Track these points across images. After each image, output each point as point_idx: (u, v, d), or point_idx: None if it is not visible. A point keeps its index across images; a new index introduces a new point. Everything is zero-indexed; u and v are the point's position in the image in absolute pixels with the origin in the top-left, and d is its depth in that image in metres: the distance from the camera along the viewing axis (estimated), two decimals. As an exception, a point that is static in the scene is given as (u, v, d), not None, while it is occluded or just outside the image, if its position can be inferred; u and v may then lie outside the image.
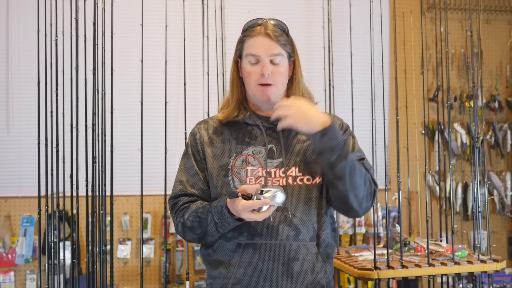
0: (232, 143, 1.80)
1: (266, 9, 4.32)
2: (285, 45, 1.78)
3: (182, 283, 4.08)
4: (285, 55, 1.78)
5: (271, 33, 1.76)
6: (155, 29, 3.54)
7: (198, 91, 3.82)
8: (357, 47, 3.54)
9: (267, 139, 1.78)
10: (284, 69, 1.78)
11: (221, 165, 1.77)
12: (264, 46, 1.75)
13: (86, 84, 3.08)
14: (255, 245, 1.70)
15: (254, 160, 1.76)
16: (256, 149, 1.77)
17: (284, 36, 1.79)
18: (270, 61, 1.75)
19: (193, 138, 1.85)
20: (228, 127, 1.83)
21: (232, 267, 1.72)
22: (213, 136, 1.83)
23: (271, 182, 1.73)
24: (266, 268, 1.70)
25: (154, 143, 3.56)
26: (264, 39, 1.76)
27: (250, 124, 1.81)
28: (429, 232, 3.07)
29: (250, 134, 1.80)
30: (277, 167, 1.75)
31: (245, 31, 1.81)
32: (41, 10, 3.12)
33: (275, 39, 1.75)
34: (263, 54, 1.75)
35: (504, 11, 4.77)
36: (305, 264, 1.71)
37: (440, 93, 4.04)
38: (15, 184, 4.01)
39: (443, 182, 4.02)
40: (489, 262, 3.03)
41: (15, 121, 4.03)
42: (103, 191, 3.00)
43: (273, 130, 1.79)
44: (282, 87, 1.80)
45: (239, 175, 1.74)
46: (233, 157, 1.77)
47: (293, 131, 1.79)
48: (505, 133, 4.68)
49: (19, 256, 3.93)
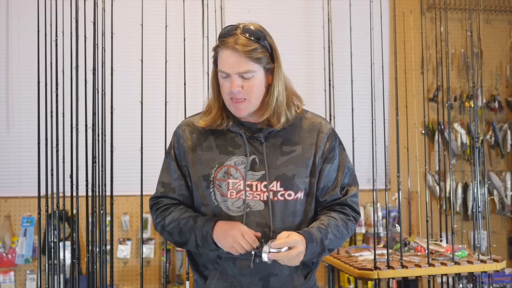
0: (215, 152, 1.75)
1: (266, 9, 4.32)
2: (258, 59, 1.68)
3: (182, 283, 4.08)
4: (259, 68, 1.69)
5: (241, 48, 1.66)
6: (155, 29, 3.54)
7: (198, 91, 3.82)
8: (357, 47, 3.54)
9: (250, 148, 1.74)
10: (258, 82, 1.70)
11: (203, 175, 1.74)
12: (232, 63, 1.67)
13: (86, 84, 3.08)
14: (234, 259, 1.71)
15: (236, 172, 1.73)
16: (239, 160, 1.74)
17: (258, 48, 1.68)
18: (240, 76, 1.68)
19: (177, 141, 1.82)
20: (212, 133, 1.78)
21: (212, 278, 1.73)
22: (197, 141, 1.78)
23: (252, 196, 1.71)
24: (245, 282, 1.71)
25: (154, 143, 3.54)
26: (232, 55, 1.66)
27: (233, 131, 1.77)
28: (429, 232, 3.07)
29: (233, 142, 1.76)
30: (259, 180, 1.72)
31: (219, 39, 1.72)
32: (41, 10, 3.11)
33: (245, 55, 1.66)
34: (231, 71, 1.67)
35: (504, 11, 4.77)
36: (283, 279, 1.72)
37: (440, 93, 4.04)
38: (15, 184, 4.01)
39: (443, 182, 4.02)
40: (489, 262, 3.03)
41: (15, 121, 4.03)
42: (103, 191, 3.00)
43: (256, 139, 1.75)
44: (255, 100, 1.72)
45: (221, 188, 1.72)
46: (215, 168, 1.73)
47: (278, 141, 1.76)
48: (505, 133, 4.68)
49: (19, 256, 3.93)
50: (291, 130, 1.77)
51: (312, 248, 1.67)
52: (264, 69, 1.71)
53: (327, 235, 1.71)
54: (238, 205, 1.71)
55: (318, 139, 1.77)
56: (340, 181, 1.80)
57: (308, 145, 1.76)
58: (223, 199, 1.72)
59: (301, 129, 1.78)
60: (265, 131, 1.75)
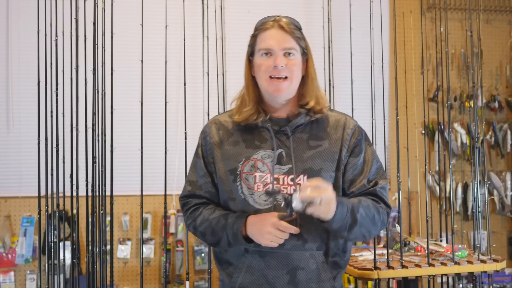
0: (242, 146, 1.77)
1: (266, 9, 4.28)
2: (299, 39, 1.76)
3: (182, 283, 4.08)
4: (299, 50, 1.75)
5: (286, 26, 1.73)
6: (155, 29, 3.54)
7: (198, 91, 3.82)
8: (357, 47, 3.54)
9: (277, 142, 1.75)
10: (298, 63, 1.75)
11: (230, 169, 1.76)
12: (278, 38, 1.73)
13: (86, 84, 3.08)
14: (261, 252, 1.71)
15: (263, 166, 1.74)
16: (266, 153, 1.75)
17: (298, 32, 1.76)
18: (284, 54, 1.72)
19: (204, 139, 1.84)
20: (239, 128, 1.80)
21: (239, 271, 1.74)
22: (224, 137, 1.81)
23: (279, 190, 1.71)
24: (271, 276, 1.71)
25: (154, 143, 3.56)
26: (277, 32, 1.74)
27: (260, 125, 1.78)
28: (429, 232, 3.07)
29: (260, 137, 1.78)
30: (286, 173, 1.73)
31: (259, 27, 1.78)
32: (41, 10, 3.11)
33: (289, 32, 1.73)
34: (276, 46, 1.72)
35: (504, 11, 4.77)
36: (310, 273, 1.71)
37: (440, 93, 4.04)
38: (15, 184, 4.01)
39: (443, 182, 4.02)
40: (489, 262, 3.03)
41: (15, 121, 4.03)
42: (103, 191, 3.00)
43: (283, 133, 1.76)
44: (296, 82, 1.76)
45: (247, 181, 1.73)
46: (242, 162, 1.75)
47: (304, 136, 1.77)
48: (505, 133, 4.67)
49: (19, 256, 3.93)
50: (317, 126, 1.79)
51: (342, 212, 1.63)
52: (302, 55, 1.77)
53: (358, 209, 1.68)
54: (265, 198, 1.72)
55: (344, 134, 1.78)
56: (367, 174, 1.78)
57: (334, 140, 1.77)
58: (250, 192, 1.73)
59: (327, 125, 1.80)
60: (292, 125, 1.76)
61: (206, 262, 4.09)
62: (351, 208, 1.66)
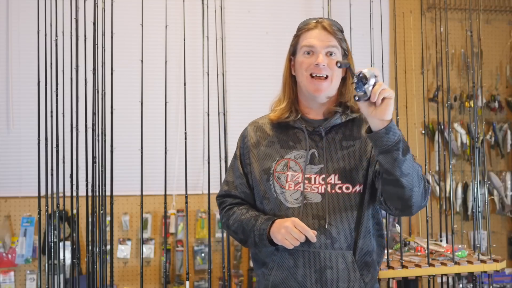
0: (276, 146, 1.81)
1: (266, 9, 4.32)
2: (341, 40, 1.78)
3: (182, 283, 4.08)
4: (341, 51, 1.78)
5: (328, 26, 1.76)
6: (155, 29, 3.54)
7: (198, 91, 3.82)
8: (357, 47, 3.53)
9: (310, 143, 1.78)
10: None
11: (264, 168, 1.79)
12: (321, 38, 1.75)
13: (86, 84, 3.08)
14: (290, 251, 1.72)
15: (295, 165, 1.77)
16: (299, 153, 1.78)
17: (340, 33, 1.79)
18: (326, 53, 1.74)
19: (242, 140, 1.89)
20: (275, 128, 1.84)
21: (271, 269, 1.77)
22: (260, 138, 1.85)
23: (310, 189, 1.73)
24: (300, 274, 1.72)
25: (154, 143, 3.56)
26: (321, 32, 1.76)
27: (296, 126, 1.81)
28: (429, 232, 3.07)
29: (294, 137, 1.81)
30: (317, 173, 1.74)
31: (300, 28, 1.81)
32: (41, 10, 3.12)
33: (332, 32, 1.76)
34: (319, 45, 1.75)
35: (504, 11, 4.77)
36: (339, 273, 1.71)
37: (440, 93, 4.04)
38: (15, 184, 4.01)
39: (443, 182, 4.02)
40: (489, 262, 3.03)
41: (15, 121, 4.03)
42: (103, 191, 3.00)
43: (317, 134, 1.78)
44: (336, 83, 1.78)
45: (279, 180, 1.76)
46: (275, 161, 1.78)
47: (338, 137, 1.78)
48: (505, 133, 4.67)
49: (19, 256, 3.93)
50: (352, 126, 1.80)
51: (394, 129, 1.55)
52: (342, 56, 1.79)
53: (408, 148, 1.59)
54: (296, 197, 1.74)
55: None
56: None
57: (367, 140, 1.75)
58: (282, 191, 1.75)
59: (362, 124, 1.80)
60: (326, 126, 1.78)
61: (206, 262, 4.09)
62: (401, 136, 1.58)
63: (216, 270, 4.12)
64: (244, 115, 3.83)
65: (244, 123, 1.98)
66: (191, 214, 4.10)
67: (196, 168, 4.03)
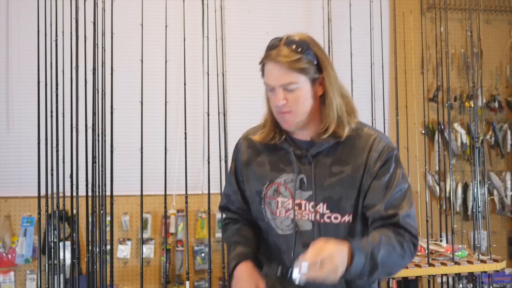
0: (267, 168, 1.76)
1: (266, 9, 4.32)
2: (302, 70, 1.63)
3: (182, 283, 4.07)
4: (303, 80, 1.65)
5: (283, 59, 1.62)
6: (155, 29, 3.54)
7: (198, 91, 3.82)
8: (357, 47, 3.54)
9: (299, 166, 1.71)
10: (303, 94, 1.65)
11: (256, 191, 1.78)
12: (275, 75, 1.65)
13: (86, 84, 3.08)
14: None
15: (285, 191, 1.73)
16: (288, 177, 1.72)
17: (302, 59, 1.63)
18: (284, 88, 1.65)
19: (236, 155, 1.86)
20: (266, 148, 1.78)
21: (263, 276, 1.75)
22: (251, 156, 1.81)
23: (301, 216, 1.70)
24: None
25: (154, 143, 3.56)
26: (274, 67, 1.65)
27: (283, 147, 1.75)
28: (429, 232, 3.07)
29: (285, 159, 1.75)
30: (307, 199, 1.70)
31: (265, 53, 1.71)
32: (41, 10, 3.12)
33: (287, 66, 1.62)
34: (274, 83, 1.66)
35: (504, 11, 4.77)
36: None
37: (440, 93, 4.04)
38: (15, 184, 4.01)
39: (443, 182, 4.02)
40: (489, 262, 3.03)
41: (15, 121, 4.03)
42: (103, 191, 3.00)
43: (305, 157, 1.71)
44: (302, 113, 1.67)
45: (270, 206, 1.74)
46: (266, 185, 1.75)
47: (328, 161, 1.70)
48: (505, 133, 4.67)
49: (19, 256, 3.93)
50: (343, 148, 1.71)
51: (360, 260, 1.53)
52: (310, 80, 1.66)
53: (379, 251, 1.56)
54: (287, 224, 1.71)
55: (368, 158, 1.69)
56: (387, 198, 1.66)
57: (358, 165, 1.68)
58: (273, 217, 1.74)
59: (354, 146, 1.71)
60: (313, 150, 1.71)
61: (206, 262, 4.09)
62: (370, 252, 1.56)
63: (216, 270, 4.12)
64: (244, 115, 3.87)
65: (244, 123, 1.97)
66: (191, 214, 4.10)
67: (196, 168, 4.03)
